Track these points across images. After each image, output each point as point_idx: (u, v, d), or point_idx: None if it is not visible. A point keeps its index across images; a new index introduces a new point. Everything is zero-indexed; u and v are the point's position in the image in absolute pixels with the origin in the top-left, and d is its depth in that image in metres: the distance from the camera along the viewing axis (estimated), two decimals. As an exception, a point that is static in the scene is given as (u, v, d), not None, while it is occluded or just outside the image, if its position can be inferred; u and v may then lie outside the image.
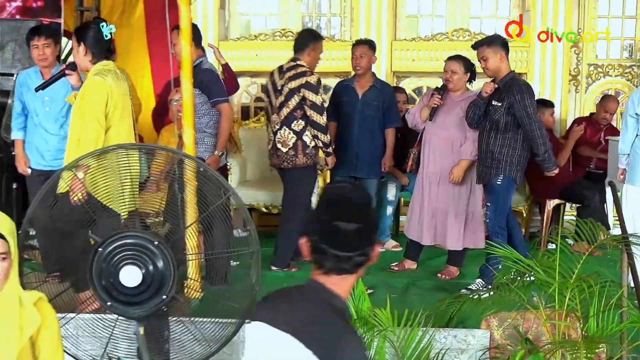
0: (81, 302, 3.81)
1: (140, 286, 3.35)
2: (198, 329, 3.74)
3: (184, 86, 5.22)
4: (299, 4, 8.68)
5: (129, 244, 3.36)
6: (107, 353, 3.75)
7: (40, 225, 4.13)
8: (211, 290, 4.73)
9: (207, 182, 3.89)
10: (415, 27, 8.62)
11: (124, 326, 3.63)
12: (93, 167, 3.89)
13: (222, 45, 8.29)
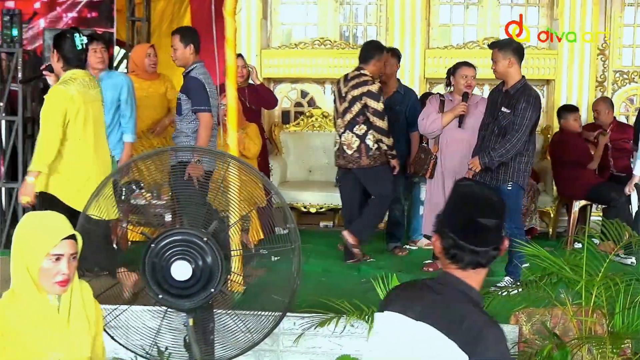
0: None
1: (190, 280, 3.39)
2: (242, 321, 3.75)
3: (229, 92, 5.27)
4: (337, 14, 8.68)
5: (180, 240, 3.40)
6: (156, 343, 3.78)
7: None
8: (253, 284, 4.77)
9: (251, 182, 3.92)
10: (447, 35, 8.59)
11: (172, 318, 3.66)
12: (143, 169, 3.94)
13: (264, 54, 8.36)
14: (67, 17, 8.61)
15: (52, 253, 2.53)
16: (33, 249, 2.55)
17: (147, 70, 7.05)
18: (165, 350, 3.85)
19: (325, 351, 4.67)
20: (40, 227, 2.61)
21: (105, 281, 4.13)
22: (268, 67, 8.41)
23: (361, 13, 8.85)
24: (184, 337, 3.71)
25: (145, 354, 3.79)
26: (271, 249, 4.50)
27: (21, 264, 2.56)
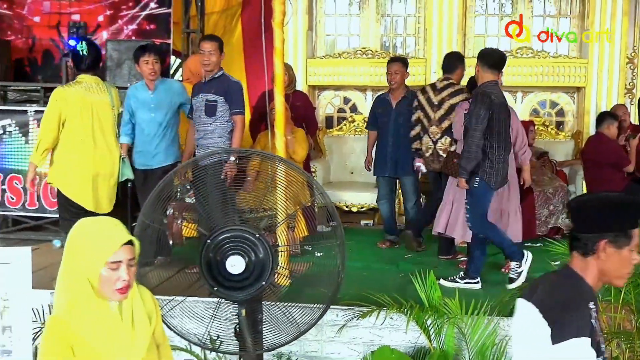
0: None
1: (244, 273, 3.41)
2: (288, 312, 3.76)
3: (277, 98, 5.29)
4: (378, 26, 8.67)
5: (234, 236, 3.42)
6: (208, 332, 3.80)
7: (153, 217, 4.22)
8: (298, 278, 4.78)
9: (296, 183, 3.93)
10: (482, 45, 8.50)
11: (224, 309, 3.67)
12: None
13: (309, 63, 8.39)
14: (127, 29, 8.71)
15: (110, 261, 2.38)
16: (91, 257, 2.40)
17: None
18: (217, 338, 3.87)
19: (366, 341, 4.66)
20: (97, 235, 2.44)
21: (162, 273, 4.17)
22: (313, 75, 8.43)
23: (400, 25, 8.82)
24: (234, 327, 3.73)
25: (198, 342, 3.81)
26: (317, 245, 4.52)
27: (79, 273, 2.41)
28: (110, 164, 5.13)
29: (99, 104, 5.11)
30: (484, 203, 5.42)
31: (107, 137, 5.14)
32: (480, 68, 5.41)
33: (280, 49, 5.21)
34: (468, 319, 4.39)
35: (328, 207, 3.68)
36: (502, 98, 5.37)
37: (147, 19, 8.67)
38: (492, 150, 5.30)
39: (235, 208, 3.81)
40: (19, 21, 8.92)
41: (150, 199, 3.53)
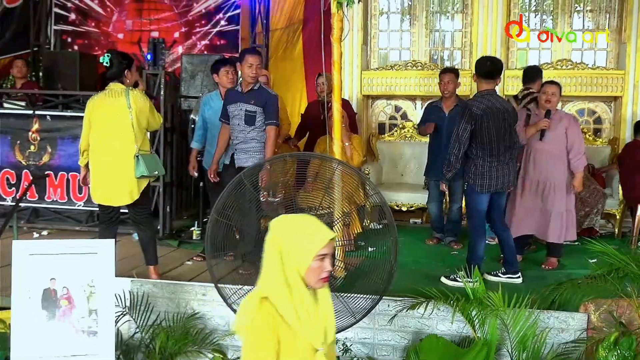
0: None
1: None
2: (344, 302, 3.75)
3: (334, 106, 5.29)
4: (427, 40, 8.61)
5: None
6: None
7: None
8: (354, 270, 4.78)
9: (352, 184, 3.93)
10: (525, 58, 8.37)
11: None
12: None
13: (364, 74, 8.37)
14: (200, 44, 8.86)
15: (320, 254, 2.41)
16: (304, 251, 2.40)
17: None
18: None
19: (414, 330, 4.62)
20: (308, 231, 2.45)
21: (229, 264, 4.21)
22: (367, 85, 8.41)
23: (448, 39, 8.73)
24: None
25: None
26: (370, 241, 4.50)
27: (290, 265, 2.40)
28: (125, 161, 5.11)
29: (116, 107, 5.12)
30: (475, 204, 5.34)
31: (122, 137, 5.12)
32: (477, 78, 5.35)
33: (338, 62, 5.20)
34: (510, 311, 4.33)
35: (383, 206, 3.66)
36: (491, 107, 5.18)
37: (218, 35, 8.81)
38: (477, 157, 5.25)
39: (297, 206, 3.83)
40: (105, 38, 9.16)
41: (221, 198, 3.56)
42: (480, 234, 5.34)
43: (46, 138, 7.22)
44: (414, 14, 8.59)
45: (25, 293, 3.79)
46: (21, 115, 7.31)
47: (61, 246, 3.93)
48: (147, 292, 4.88)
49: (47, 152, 7.23)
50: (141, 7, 9.09)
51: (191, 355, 4.64)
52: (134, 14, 9.10)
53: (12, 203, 7.01)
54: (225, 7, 8.74)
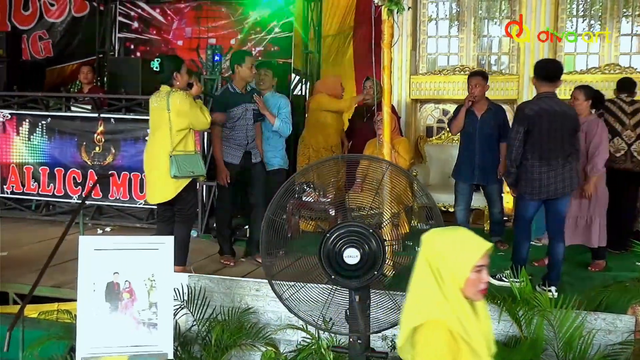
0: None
1: (359, 263, 3.41)
2: (393, 300, 3.72)
3: (384, 110, 5.26)
4: (475, 45, 8.50)
5: (350, 231, 3.42)
6: (321, 314, 3.81)
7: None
8: (402, 269, 4.73)
9: (400, 185, 3.89)
10: (572, 62, 8.20)
11: (337, 295, 3.67)
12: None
13: (413, 79, 8.32)
14: (255, 50, 8.90)
15: (477, 264, 2.31)
16: (462, 262, 2.32)
17: (339, 97, 7.15)
18: (330, 320, 3.87)
19: (462, 329, 4.55)
20: (465, 242, 2.37)
21: (282, 261, 4.21)
22: (415, 90, 8.36)
23: (495, 44, 8.61)
24: (345, 311, 3.72)
25: (314, 322, 3.83)
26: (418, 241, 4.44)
27: (449, 277, 2.32)
28: (161, 161, 5.16)
29: (158, 109, 5.21)
30: (520, 210, 5.14)
31: (161, 137, 5.19)
32: (535, 80, 5.14)
33: (388, 67, 5.17)
34: (557, 312, 4.22)
35: (432, 207, 3.62)
36: (546, 109, 4.93)
37: (272, 41, 8.84)
38: (527, 160, 5.01)
39: (347, 207, 3.81)
40: (165, 45, 9.30)
41: (276, 197, 3.58)
42: (523, 238, 5.14)
43: (110, 140, 7.37)
44: (462, 20, 8.50)
45: (90, 286, 3.86)
46: (87, 118, 7.47)
47: (124, 242, 4.01)
48: (203, 287, 4.93)
49: (110, 153, 7.37)
50: (199, 15, 9.20)
51: (245, 348, 4.67)
52: (193, 22, 9.22)
53: (79, 201, 7.17)
54: (279, 15, 8.78)
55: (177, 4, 9.32)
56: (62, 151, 7.56)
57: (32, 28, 10.18)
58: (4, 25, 10.19)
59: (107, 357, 3.83)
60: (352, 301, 3.53)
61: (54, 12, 10.13)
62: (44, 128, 7.59)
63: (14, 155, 7.72)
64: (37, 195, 7.68)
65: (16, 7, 10.23)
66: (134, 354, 3.83)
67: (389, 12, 5.06)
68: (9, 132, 7.69)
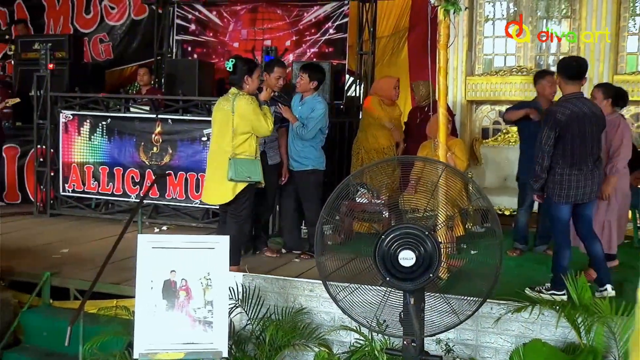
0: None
1: (414, 266, 3.38)
2: (448, 303, 3.67)
3: (439, 111, 5.20)
4: (532, 46, 8.34)
5: (405, 233, 3.40)
6: (375, 316, 3.79)
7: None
8: (456, 272, 4.68)
9: (455, 187, 3.84)
10: (635, 63, 7.96)
11: (391, 297, 3.65)
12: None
13: (468, 80, 8.21)
14: (309, 51, 8.93)
15: None
16: None
17: (391, 99, 7.09)
18: (383, 322, 3.85)
19: (517, 334, 4.48)
20: None
21: (337, 261, 4.20)
22: (471, 91, 8.27)
23: (554, 45, 8.43)
24: (399, 313, 3.69)
25: (367, 324, 3.81)
26: (473, 244, 4.39)
27: None
28: (222, 163, 5.21)
29: (224, 111, 5.27)
30: (555, 212, 4.93)
31: (223, 140, 5.24)
32: (561, 80, 4.92)
33: (444, 67, 5.12)
34: (618, 319, 4.10)
35: (489, 209, 3.56)
36: (577, 112, 4.76)
37: (327, 42, 8.85)
38: (556, 165, 4.83)
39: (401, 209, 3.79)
40: (221, 46, 9.40)
41: (330, 198, 3.58)
42: (563, 244, 4.92)
43: (167, 140, 7.49)
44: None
45: (148, 283, 3.92)
46: (145, 119, 7.62)
47: (181, 241, 4.06)
48: (258, 286, 4.96)
49: (167, 153, 7.49)
50: (255, 17, 9.28)
51: (298, 348, 4.68)
52: (249, 24, 9.30)
53: (137, 200, 7.31)
54: (334, 17, 8.78)
55: (233, 6, 9.42)
56: (121, 151, 7.73)
57: (93, 31, 10.47)
58: (67, 29, 10.49)
59: (163, 353, 3.89)
60: (406, 304, 3.50)
61: (115, 15, 10.38)
62: (104, 128, 7.78)
63: (75, 154, 7.92)
64: (97, 194, 7.87)
65: (78, 10, 10.52)
66: (190, 351, 3.87)
67: (446, 13, 5.01)
68: (71, 132, 7.90)
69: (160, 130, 7.51)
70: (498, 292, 4.39)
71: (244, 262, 5.49)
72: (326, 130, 6.14)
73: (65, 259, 6.07)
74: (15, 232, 7.10)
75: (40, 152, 8.06)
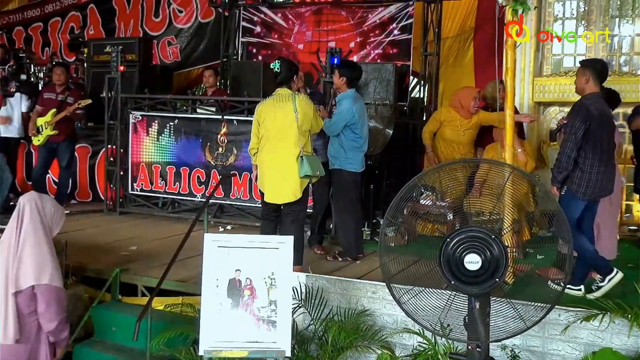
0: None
1: (480, 270, 3.33)
2: (514, 308, 3.60)
3: (507, 113, 5.10)
4: (604, 45, 8.08)
5: (471, 237, 3.35)
6: (439, 320, 3.74)
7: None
8: (522, 277, 4.59)
9: (523, 190, 3.77)
10: None
11: (455, 301, 3.60)
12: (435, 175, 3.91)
13: (536, 81, 8.03)
14: (373, 53, 8.92)
15: None
16: None
17: (469, 110, 6.79)
18: (447, 326, 3.80)
19: (587, 342, 4.35)
20: None
21: (400, 264, 4.17)
22: (539, 92, 8.06)
23: (626, 44, 8.15)
24: (463, 318, 3.64)
25: (431, 328, 3.77)
26: (540, 248, 4.30)
27: None
28: (290, 162, 5.26)
29: (284, 111, 5.28)
30: (569, 212, 4.68)
31: (288, 139, 5.28)
32: (591, 79, 4.89)
33: (512, 68, 5.02)
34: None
35: (558, 213, 3.47)
36: (603, 110, 4.86)
37: (391, 44, 8.82)
38: (586, 160, 4.77)
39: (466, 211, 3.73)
40: (286, 48, 9.48)
41: (395, 200, 3.56)
42: (581, 238, 4.82)
43: (232, 141, 7.59)
44: (590, 18, 8.11)
45: (213, 282, 3.98)
46: (211, 120, 7.74)
47: (246, 240, 4.10)
48: (321, 287, 4.97)
49: (233, 153, 7.60)
50: (320, 19, 9.31)
51: (360, 350, 4.67)
52: (313, 26, 9.35)
53: (202, 199, 7.44)
54: (398, 17, 8.73)
55: (298, 9, 9.48)
56: (187, 151, 7.87)
57: (161, 34, 10.72)
58: (137, 32, 10.77)
59: (227, 351, 3.94)
60: (471, 308, 3.45)
61: (182, 18, 10.60)
62: (171, 129, 7.94)
63: (143, 154, 8.11)
64: (164, 193, 8.04)
65: (148, 14, 10.79)
66: (254, 350, 3.91)
67: (514, 13, 4.91)
68: (140, 132, 8.10)
69: (226, 131, 7.62)
70: (568, 299, 4.30)
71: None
72: (359, 130, 5.91)
73: (133, 256, 6.22)
74: (86, 229, 7.32)
75: (110, 152, 8.29)
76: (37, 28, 11.88)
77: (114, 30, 11.08)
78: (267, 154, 5.39)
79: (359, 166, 5.99)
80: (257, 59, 9.48)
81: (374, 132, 6.76)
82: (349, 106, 5.84)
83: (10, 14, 12.24)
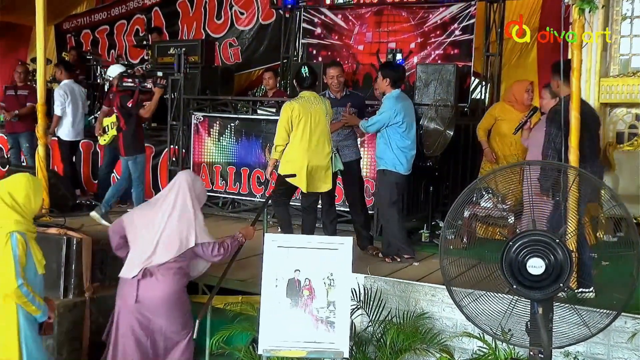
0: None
1: (543, 274, 3.28)
2: (578, 315, 3.52)
3: (572, 114, 4.97)
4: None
5: (535, 241, 3.30)
6: (500, 325, 3.69)
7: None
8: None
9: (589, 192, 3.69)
10: None
11: (518, 305, 3.54)
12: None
13: (602, 81, 7.80)
14: (434, 54, 8.85)
15: None
16: None
17: (523, 103, 6.84)
18: (509, 331, 3.74)
19: (655, 351, 4.22)
20: None
21: (460, 267, 4.13)
22: (605, 93, 7.83)
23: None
24: (525, 323, 3.58)
25: (492, 332, 3.72)
26: (605, 254, 4.19)
27: None
28: (323, 157, 5.70)
29: (316, 112, 5.66)
30: None
31: (320, 137, 5.68)
32: (562, 83, 4.89)
33: (578, 69, 4.90)
34: None
35: (626, 218, 3.38)
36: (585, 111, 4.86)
37: (452, 44, 8.74)
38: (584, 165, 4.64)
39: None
40: (346, 50, 9.50)
41: (457, 202, 3.53)
42: None
43: (291, 142, 7.63)
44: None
45: (273, 281, 4.03)
46: (271, 121, 7.78)
47: (306, 241, 4.14)
48: (379, 289, 4.97)
49: (292, 154, 7.63)
50: (380, 20, 9.30)
51: (419, 352, 4.64)
52: (374, 27, 9.33)
53: (262, 200, 7.51)
54: (460, 18, 8.65)
55: (359, 10, 9.48)
56: (247, 152, 7.96)
57: (223, 36, 10.89)
58: (199, 34, 10.97)
59: (286, 351, 3.98)
60: (534, 313, 3.39)
61: (244, 20, 10.75)
62: (232, 130, 8.05)
63: (205, 155, 8.25)
64: (224, 192, 8.15)
65: (210, 16, 10.98)
66: (312, 350, 3.93)
67: (580, 12, 4.80)
68: (202, 133, 8.23)
69: (286, 132, 7.67)
70: (633, 306, 4.17)
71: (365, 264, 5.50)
72: (405, 131, 5.84)
73: (194, 255, 6.32)
74: (149, 227, 7.46)
75: (172, 152, 8.45)
76: (103, 31, 12.25)
77: (177, 32, 11.31)
78: (299, 150, 5.68)
79: (404, 168, 5.90)
80: (317, 60, 9.52)
81: (434, 133, 6.72)
82: (390, 105, 5.85)
83: (78, 17, 12.65)
